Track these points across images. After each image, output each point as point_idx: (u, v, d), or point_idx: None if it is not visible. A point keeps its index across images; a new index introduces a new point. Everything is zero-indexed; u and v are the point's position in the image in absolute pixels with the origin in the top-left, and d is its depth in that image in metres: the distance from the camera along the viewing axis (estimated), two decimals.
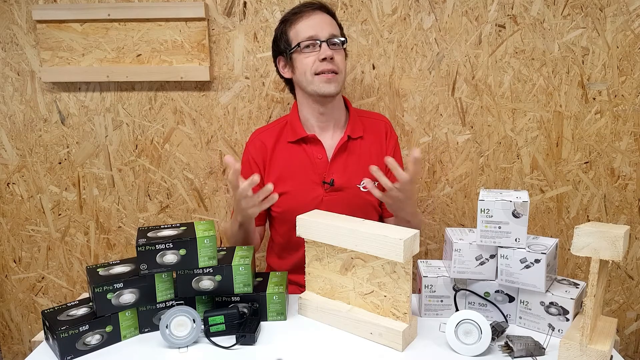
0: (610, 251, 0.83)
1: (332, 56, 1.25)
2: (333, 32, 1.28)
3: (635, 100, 1.54)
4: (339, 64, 1.28)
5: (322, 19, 1.28)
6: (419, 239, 0.99)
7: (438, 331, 1.04)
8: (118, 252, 1.74)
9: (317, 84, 1.27)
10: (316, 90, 1.28)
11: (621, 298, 1.69)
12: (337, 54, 1.27)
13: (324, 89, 1.27)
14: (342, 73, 1.30)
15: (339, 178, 1.31)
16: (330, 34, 1.27)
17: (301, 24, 1.28)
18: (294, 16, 1.30)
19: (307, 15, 1.28)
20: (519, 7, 1.50)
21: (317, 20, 1.28)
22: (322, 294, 1.13)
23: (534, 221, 1.64)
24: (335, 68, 1.27)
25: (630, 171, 1.59)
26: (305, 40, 1.27)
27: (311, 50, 1.27)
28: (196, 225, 1.10)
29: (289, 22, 1.30)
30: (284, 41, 1.31)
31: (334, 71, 1.26)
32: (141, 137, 1.65)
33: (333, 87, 1.27)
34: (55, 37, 1.55)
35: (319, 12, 1.29)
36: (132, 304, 1.03)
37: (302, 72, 1.28)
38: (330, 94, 1.28)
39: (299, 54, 1.28)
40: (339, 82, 1.29)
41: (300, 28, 1.27)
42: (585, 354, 0.87)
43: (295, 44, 1.28)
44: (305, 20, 1.28)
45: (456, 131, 1.60)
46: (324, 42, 1.26)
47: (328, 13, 1.31)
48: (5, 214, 1.71)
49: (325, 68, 1.26)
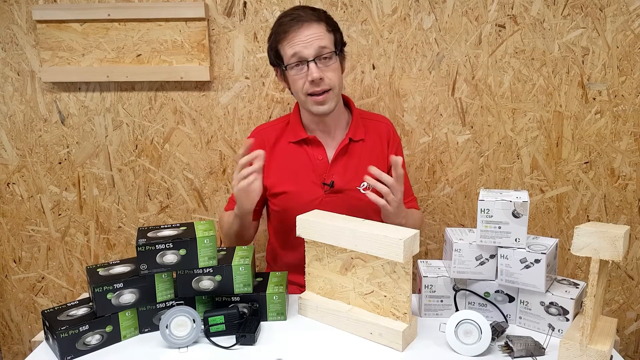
0: (610, 251, 0.83)
1: (320, 77, 1.20)
2: (322, 46, 1.20)
3: (635, 100, 1.54)
4: (330, 80, 1.22)
5: (309, 34, 1.19)
6: (419, 239, 0.99)
7: (438, 331, 1.04)
8: (118, 252, 1.74)
9: (310, 104, 1.25)
10: (310, 110, 1.27)
11: (621, 298, 1.69)
12: (327, 71, 1.21)
13: (316, 110, 1.25)
14: (337, 87, 1.25)
15: (339, 180, 1.31)
16: (317, 50, 1.19)
17: (287, 43, 1.21)
18: (281, 32, 1.22)
19: (293, 33, 1.20)
20: (519, 7, 1.50)
21: (303, 38, 1.19)
22: (322, 294, 1.13)
23: (534, 221, 1.64)
24: (326, 87, 1.22)
25: (630, 171, 1.59)
26: (292, 62, 1.21)
27: (299, 70, 1.22)
28: (196, 225, 1.10)
29: (277, 37, 1.24)
30: (274, 55, 1.27)
31: (325, 90, 1.23)
32: (141, 137, 1.65)
33: (327, 107, 1.25)
34: (55, 37, 1.55)
35: (305, 26, 1.20)
36: (132, 304, 1.03)
37: (295, 90, 1.27)
38: (324, 114, 1.27)
39: (289, 72, 1.24)
40: (332, 99, 1.25)
41: (287, 48, 1.21)
42: (585, 354, 0.87)
43: (286, 62, 1.23)
44: (291, 39, 1.20)
45: (456, 131, 1.60)
46: (311, 62, 1.19)
47: (318, 21, 1.22)
48: (5, 214, 1.72)
49: (315, 90, 1.22)
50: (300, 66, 1.22)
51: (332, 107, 1.26)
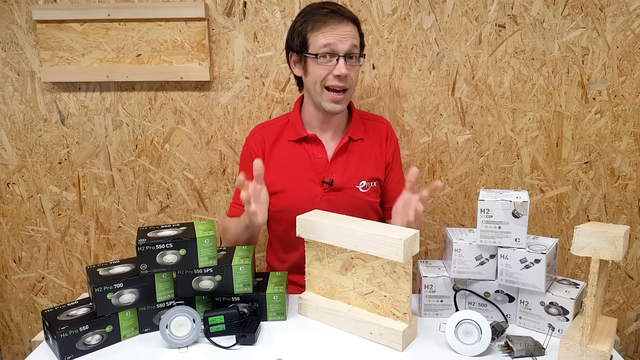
0: (610, 251, 0.83)
1: (347, 74, 1.21)
2: (354, 47, 1.22)
3: (635, 100, 1.54)
4: (352, 80, 1.24)
5: (347, 32, 1.21)
6: (419, 239, 0.99)
7: (438, 331, 1.04)
8: (118, 252, 1.74)
9: (324, 98, 1.25)
10: (322, 104, 1.26)
11: (621, 298, 1.69)
12: (352, 70, 1.23)
13: (329, 108, 1.26)
14: (352, 88, 1.27)
15: (338, 178, 1.31)
16: (351, 48, 1.21)
17: (324, 33, 1.20)
18: (318, 20, 1.21)
19: (333, 25, 1.20)
20: (519, 7, 1.50)
21: (341, 33, 1.20)
22: (322, 294, 1.13)
23: (534, 221, 1.64)
24: (347, 85, 1.23)
25: (630, 171, 1.59)
26: (323, 52, 1.21)
27: (327, 62, 1.21)
28: (196, 225, 1.10)
29: (311, 24, 1.22)
30: (300, 41, 1.24)
31: (345, 88, 1.23)
32: (141, 137, 1.65)
33: (339, 107, 1.26)
34: (55, 37, 1.55)
35: (345, 23, 1.21)
36: (132, 304, 1.03)
37: (312, 80, 1.25)
38: (335, 113, 1.28)
39: (313, 60, 1.23)
40: (347, 99, 1.27)
41: (322, 37, 1.20)
42: (585, 354, 0.87)
43: (312, 51, 1.22)
44: (330, 31, 1.20)
45: (456, 131, 1.60)
46: (342, 57, 1.20)
47: (354, 23, 1.24)
48: (5, 214, 1.72)
49: (336, 84, 1.22)
50: (328, 58, 1.22)
51: (344, 108, 1.28)
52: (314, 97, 1.28)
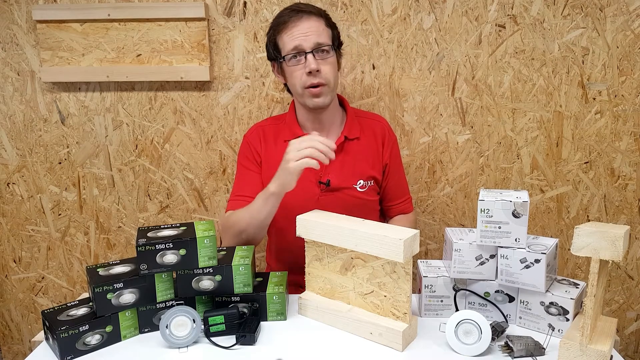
0: (610, 251, 0.83)
1: (317, 69, 1.22)
2: (320, 40, 1.22)
3: (635, 100, 1.54)
4: (326, 74, 1.24)
5: (309, 27, 1.22)
6: (419, 239, 0.99)
7: (438, 331, 1.04)
8: (118, 252, 1.74)
9: (306, 97, 1.26)
10: (306, 103, 1.28)
11: (621, 298, 1.69)
12: (324, 64, 1.23)
13: (312, 104, 1.27)
14: (332, 82, 1.26)
15: (335, 178, 1.31)
16: (316, 43, 1.22)
17: (286, 34, 1.23)
18: (279, 24, 1.25)
19: (292, 24, 1.22)
20: (519, 7, 1.50)
21: (302, 29, 1.22)
22: (322, 294, 1.13)
23: (534, 221, 1.64)
24: (322, 80, 1.23)
25: (630, 171, 1.59)
26: (290, 52, 1.23)
27: (297, 62, 1.23)
28: (196, 225, 1.10)
29: (276, 29, 1.26)
30: (273, 48, 1.28)
31: (321, 84, 1.24)
32: (141, 137, 1.65)
33: (322, 100, 1.26)
34: (55, 37, 1.55)
35: (305, 18, 1.22)
36: (132, 304, 1.03)
37: (292, 83, 1.28)
38: (320, 107, 1.28)
39: (286, 64, 1.26)
40: (328, 93, 1.26)
41: (285, 39, 1.23)
42: (585, 354, 0.87)
43: (282, 54, 1.25)
44: (290, 30, 1.22)
45: (456, 131, 1.60)
46: (309, 53, 1.21)
47: (318, 16, 1.25)
48: (5, 214, 1.72)
49: (311, 82, 1.23)
50: (298, 57, 1.23)
51: (327, 101, 1.27)
52: (298, 99, 1.31)
